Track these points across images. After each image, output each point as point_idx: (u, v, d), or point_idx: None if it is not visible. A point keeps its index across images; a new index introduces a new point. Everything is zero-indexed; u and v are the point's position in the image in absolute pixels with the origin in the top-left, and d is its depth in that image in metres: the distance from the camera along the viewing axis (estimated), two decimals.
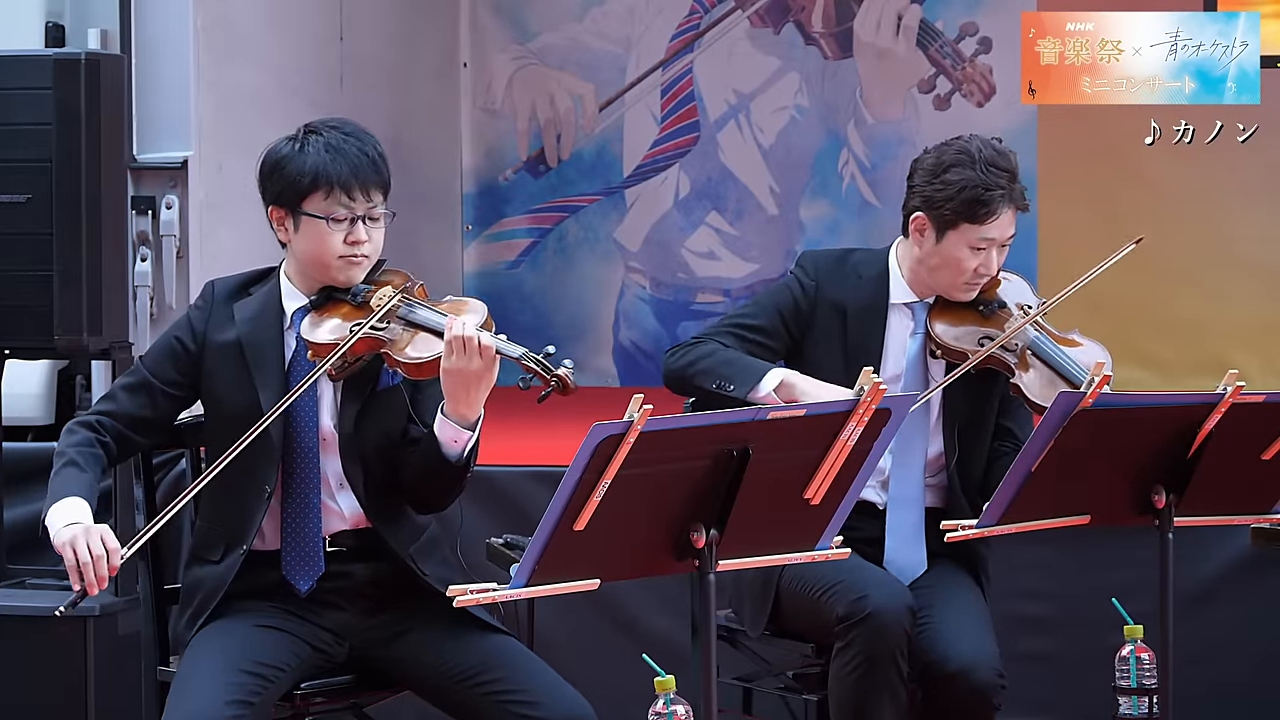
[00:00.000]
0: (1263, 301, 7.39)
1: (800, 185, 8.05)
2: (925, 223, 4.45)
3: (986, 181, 4.40)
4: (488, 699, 4.00)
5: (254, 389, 4.09)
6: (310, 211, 4.07)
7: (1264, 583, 5.50)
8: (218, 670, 3.93)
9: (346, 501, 4.13)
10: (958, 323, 4.50)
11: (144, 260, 6.29)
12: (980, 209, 4.40)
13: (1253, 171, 7.29)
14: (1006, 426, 4.58)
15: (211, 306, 4.17)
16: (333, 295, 4.13)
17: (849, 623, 4.21)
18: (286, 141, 4.13)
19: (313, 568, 4.10)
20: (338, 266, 4.10)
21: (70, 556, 3.88)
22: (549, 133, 8.34)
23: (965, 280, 4.47)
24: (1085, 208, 7.43)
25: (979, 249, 4.43)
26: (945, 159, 4.45)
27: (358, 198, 4.07)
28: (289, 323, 4.14)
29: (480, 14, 8.37)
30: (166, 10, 6.35)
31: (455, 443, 4.01)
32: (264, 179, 4.14)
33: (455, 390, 3.97)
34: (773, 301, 4.57)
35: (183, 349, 4.14)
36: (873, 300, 4.53)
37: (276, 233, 4.15)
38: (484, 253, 8.32)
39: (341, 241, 4.08)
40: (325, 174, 4.05)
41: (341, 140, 4.09)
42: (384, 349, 4.02)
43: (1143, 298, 7.39)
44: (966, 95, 7.86)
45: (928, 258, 4.48)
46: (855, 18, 7.99)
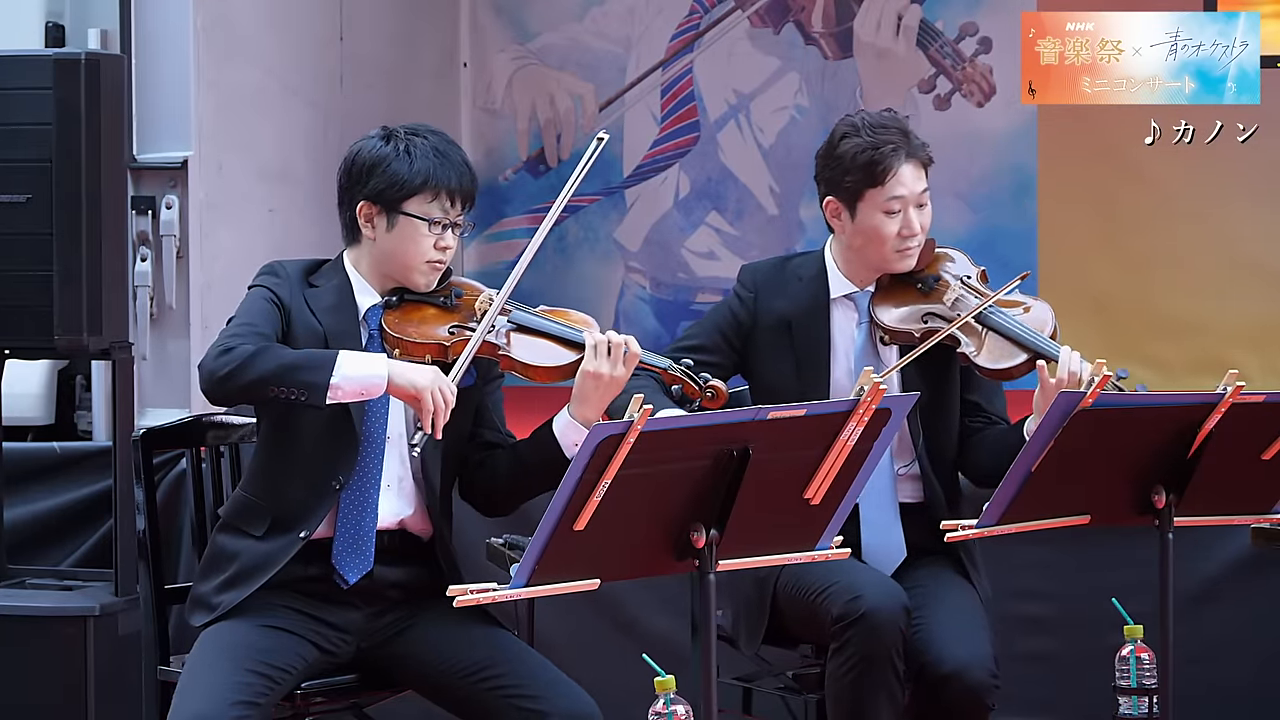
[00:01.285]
0: (1263, 301, 7.39)
1: (800, 185, 8.04)
2: (837, 205, 4.48)
3: (875, 141, 4.43)
4: (491, 695, 4.01)
5: None
6: (411, 212, 4.11)
7: (1264, 583, 5.50)
8: (224, 670, 3.94)
9: (389, 503, 4.15)
10: (899, 304, 4.51)
11: (144, 260, 6.28)
12: (877, 168, 4.42)
13: (1253, 171, 7.29)
14: (973, 401, 4.58)
15: (290, 283, 4.16)
16: (408, 296, 4.16)
17: (844, 623, 4.22)
18: (379, 141, 4.15)
19: (363, 561, 4.11)
20: (422, 270, 4.14)
21: (429, 402, 3.93)
22: (549, 133, 8.34)
23: (894, 248, 4.48)
24: (1085, 208, 7.43)
25: (893, 211, 4.44)
26: (834, 137, 4.50)
27: (457, 205, 4.14)
28: (361, 317, 4.16)
29: (480, 14, 8.36)
30: (166, 10, 6.35)
31: (576, 445, 4.05)
32: (358, 174, 4.15)
33: (589, 394, 4.06)
34: (713, 321, 4.61)
35: (277, 312, 4.11)
36: (813, 300, 4.55)
37: (360, 228, 4.15)
38: (484, 253, 8.32)
39: (432, 246, 4.12)
40: (436, 177, 4.11)
41: (447, 146, 4.16)
42: (499, 352, 4.08)
43: (1143, 297, 7.39)
44: (966, 95, 7.86)
45: (852, 239, 4.50)
46: (855, 18, 7.99)
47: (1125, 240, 7.50)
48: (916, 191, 4.46)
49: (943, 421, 4.54)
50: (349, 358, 3.98)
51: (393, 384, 3.96)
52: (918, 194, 4.46)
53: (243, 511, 4.15)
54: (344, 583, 4.10)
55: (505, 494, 4.24)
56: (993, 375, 4.43)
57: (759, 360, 4.56)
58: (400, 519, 4.16)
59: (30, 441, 6.29)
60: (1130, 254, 7.49)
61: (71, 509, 6.00)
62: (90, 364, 6.35)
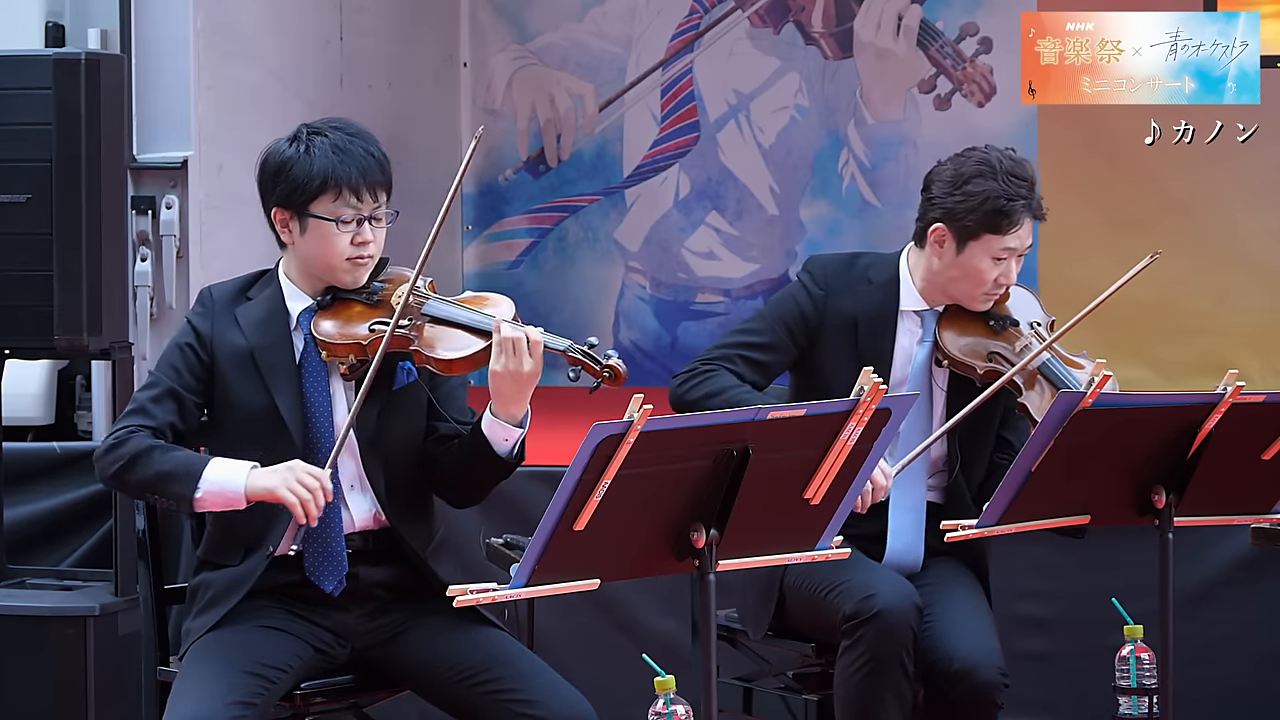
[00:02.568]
0: (1263, 301, 7.38)
1: (800, 185, 8.05)
2: (945, 234, 4.45)
3: (1009, 192, 4.40)
4: (487, 698, 4.01)
5: (268, 393, 4.09)
6: (318, 214, 4.07)
7: (1264, 583, 5.50)
8: (220, 671, 3.93)
9: (357, 502, 4.13)
10: (966, 334, 4.49)
11: (144, 260, 6.28)
12: (1003, 219, 4.39)
13: (1253, 171, 7.29)
14: (1006, 438, 4.58)
15: (213, 312, 4.15)
16: (340, 295, 4.13)
17: (856, 621, 4.21)
18: (288, 143, 4.12)
19: (337, 568, 4.10)
20: (344, 268, 4.10)
21: (288, 496, 3.91)
22: (549, 133, 8.33)
23: (985, 291, 4.47)
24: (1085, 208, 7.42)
25: (1000, 259, 4.43)
26: (965, 170, 4.43)
27: (365, 199, 4.08)
28: (295, 324, 4.14)
29: (480, 14, 8.36)
30: (166, 10, 6.35)
31: (506, 441, 4.04)
32: (267, 181, 4.13)
33: (506, 391, 4.00)
34: (777, 314, 4.56)
35: (194, 355, 4.12)
36: (882, 307, 4.53)
37: (279, 234, 4.14)
38: (484, 253, 8.32)
39: (349, 243, 4.08)
40: (334, 176, 4.05)
41: (347, 141, 4.08)
42: (413, 347, 4.03)
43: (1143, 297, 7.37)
44: (967, 95, 7.86)
45: (947, 269, 4.47)
46: (855, 18, 7.99)
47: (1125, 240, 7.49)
48: (1025, 246, 4.46)
49: (980, 450, 4.55)
50: (213, 469, 3.98)
51: (249, 493, 3.96)
52: (1025, 248, 4.46)
53: (215, 546, 4.15)
54: (324, 595, 4.10)
55: (461, 488, 4.20)
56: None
57: (821, 358, 4.53)
58: (374, 516, 4.14)
59: (30, 441, 6.29)
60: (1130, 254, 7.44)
61: (71, 509, 6.00)
62: (90, 364, 6.35)
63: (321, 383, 4.11)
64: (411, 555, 4.14)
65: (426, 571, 4.13)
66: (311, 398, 4.10)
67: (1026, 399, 4.41)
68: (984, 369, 4.43)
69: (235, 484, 3.97)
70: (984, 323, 4.51)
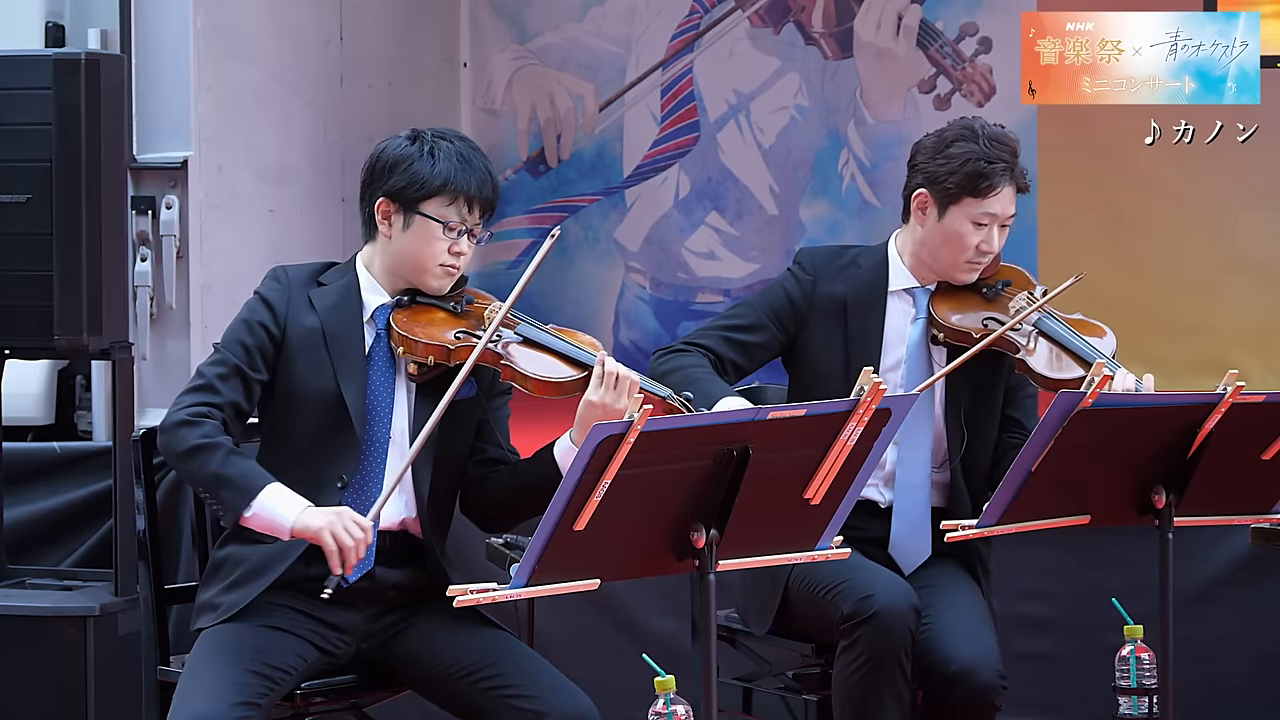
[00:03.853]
0: (1263, 301, 7.39)
1: (800, 185, 8.05)
2: (928, 199, 4.49)
3: (989, 154, 4.44)
4: (488, 695, 4.01)
5: (335, 378, 4.08)
6: (428, 213, 4.09)
7: (1264, 583, 5.50)
8: (224, 670, 3.93)
9: (392, 503, 4.12)
10: (961, 306, 4.52)
11: (144, 260, 6.28)
12: (982, 181, 4.43)
13: (1253, 171, 7.29)
14: (1014, 417, 4.59)
15: (289, 289, 4.15)
16: (420, 298, 4.15)
17: (854, 621, 4.22)
18: (406, 141, 4.14)
19: (363, 560, 4.09)
20: (435, 273, 4.12)
21: (330, 543, 3.91)
22: (549, 133, 8.33)
23: (967, 259, 4.49)
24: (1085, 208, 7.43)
25: (981, 224, 4.46)
26: (948, 135, 4.50)
27: (474, 212, 4.12)
28: (368, 315, 4.15)
29: (480, 14, 8.36)
30: (166, 10, 6.35)
31: None
32: (381, 170, 4.14)
33: (594, 420, 3.99)
34: (764, 300, 4.59)
35: (265, 332, 4.10)
36: (871, 287, 4.56)
37: (376, 224, 4.14)
38: (484, 253, 8.31)
39: (447, 250, 4.11)
40: (456, 181, 4.08)
41: (471, 152, 4.13)
42: (503, 361, 4.06)
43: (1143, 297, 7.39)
44: (967, 95, 7.86)
45: (930, 236, 4.50)
46: (855, 18, 7.99)
47: (1125, 240, 7.50)
48: (1007, 214, 4.48)
49: (985, 428, 4.55)
50: (270, 494, 3.96)
51: (294, 530, 3.96)
52: (1007, 216, 4.49)
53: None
54: (344, 582, 4.10)
55: (505, 511, 4.22)
56: (1047, 385, 4.42)
57: (809, 342, 4.56)
58: (402, 520, 4.16)
59: (30, 441, 6.29)
60: (1130, 254, 7.49)
61: (71, 509, 6.00)
62: (90, 364, 6.35)
63: (388, 379, 4.12)
64: (432, 561, 4.16)
65: (442, 577, 4.13)
66: (376, 391, 4.11)
67: (1025, 357, 4.44)
68: (979, 333, 4.46)
69: (284, 517, 3.96)
70: (977, 293, 4.54)
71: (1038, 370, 4.43)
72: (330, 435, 4.08)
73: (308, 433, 4.09)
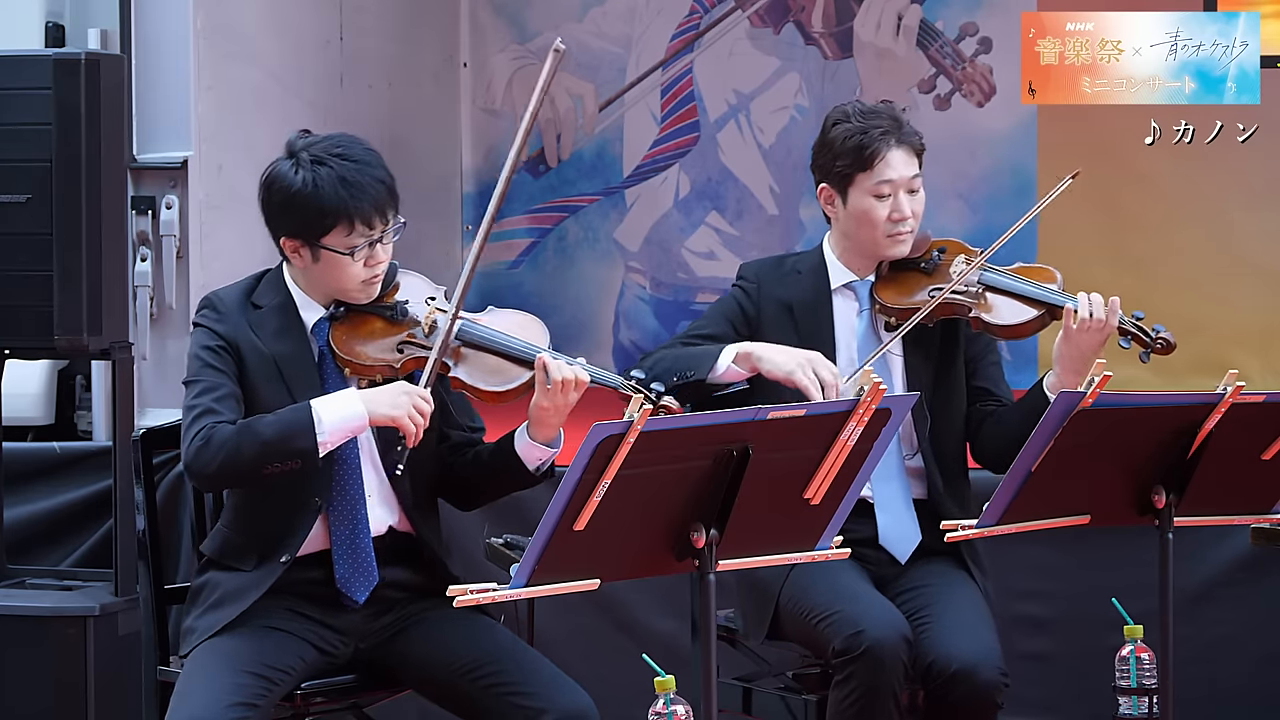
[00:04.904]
0: (1263, 301, 7.38)
1: (800, 185, 8.04)
2: (830, 192, 4.55)
3: (864, 126, 4.49)
4: (489, 693, 4.01)
5: (294, 400, 4.05)
6: (331, 247, 4.05)
7: (1264, 583, 5.50)
8: (222, 671, 3.93)
9: (374, 512, 4.13)
10: (904, 287, 4.55)
11: (144, 260, 6.28)
12: (865, 152, 4.48)
13: (1253, 172, 7.28)
14: (982, 387, 4.61)
15: (228, 318, 4.11)
16: (354, 307, 4.12)
17: (846, 657, 4.22)
18: (291, 168, 4.06)
19: (368, 577, 4.11)
20: (357, 289, 4.10)
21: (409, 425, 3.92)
22: (549, 133, 8.33)
23: (885, 232, 4.52)
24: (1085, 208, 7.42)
25: (883, 195, 4.49)
26: (826, 126, 4.57)
27: (377, 225, 4.06)
28: (309, 330, 4.14)
29: (480, 14, 8.36)
30: (166, 10, 6.35)
31: (539, 460, 4.08)
32: (274, 210, 4.08)
33: (547, 420, 4.03)
34: (720, 310, 4.65)
35: (227, 354, 4.08)
36: (814, 290, 4.59)
37: (289, 258, 4.10)
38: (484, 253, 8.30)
39: (363, 267, 4.07)
40: (347, 212, 4.01)
41: (354, 171, 4.03)
42: (452, 374, 4.05)
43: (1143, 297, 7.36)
44: (966, 95, 7.86)
45: (845, 224, 4.55)
46: (855, 18, 7.99)
47: (1125, 240, 7.49)
48: (907, 176, 4.50)
49: (947, 407, 4.56)
50: (323, 406, 3.95)
51: (373, 418, 3.95)
52: (908, 179, 4.51)
53: (229, 549, 4.13)
54: (353, 604, 4.10)
55: (478, 493, 4.24)
56: (1007, 334, 4.48)
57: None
58: (388, 525, 4.15)
59: (30, 441, 6.29)
60: (1130, 254, 7.48)
61: (71, 509, 6.00)
62: (90, 364, 6.35)
63: (340, 388, 4.10)
64: (429, 555, 4.16)
65: (442, 570, 4.13)
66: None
67: (979, 314, 4.46)
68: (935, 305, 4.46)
69: (356, 411, 3.95)
70: (916, 269, 4.56)
71: (994, 322, 4.47)
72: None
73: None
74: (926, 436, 4.52)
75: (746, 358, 4.40)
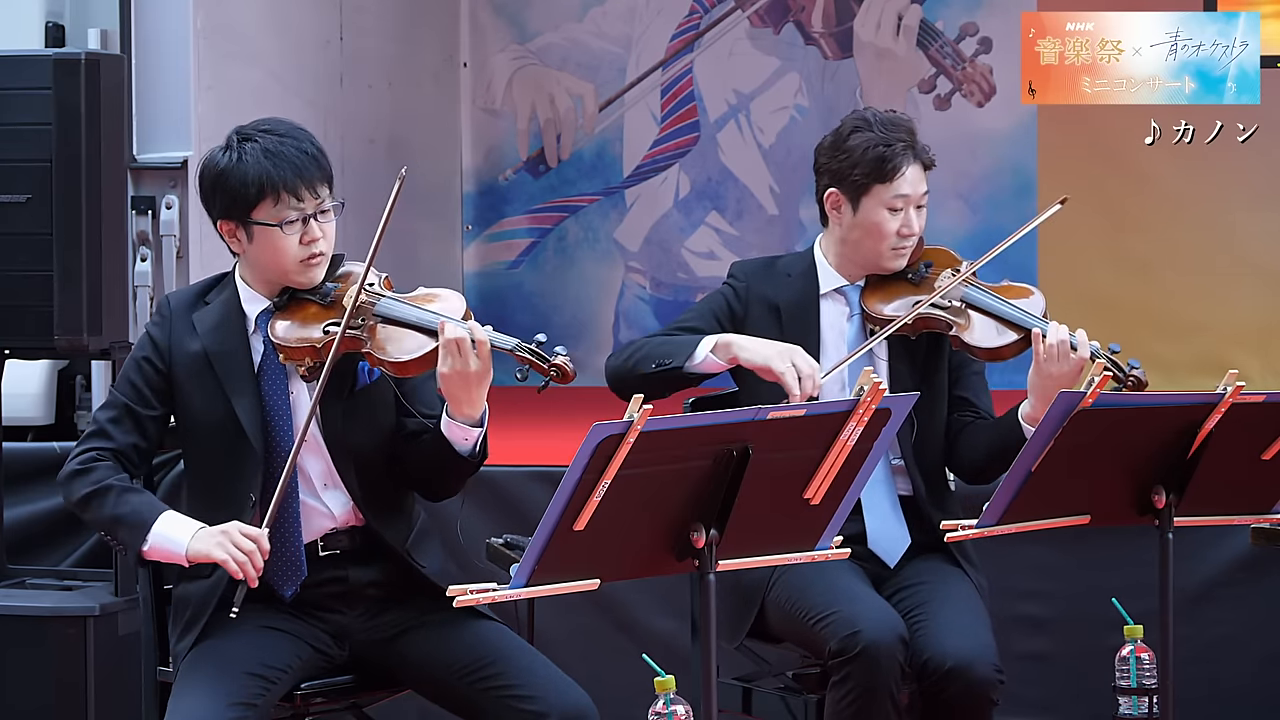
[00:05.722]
0: (1263, 301, 7.39)
1: (800, 185, 8.04)
2: (839, 198, 4.51)
3: (887, 139, 4.47)
4: (488, 694, 4.01)
5: (226, 399, 4.06)
6: (261, 220, 4.04)
7: (1264, 583, 5.50)
8: (220, 672, 3.93)
9: (333, 500, 4.11)
10: (890, 295, 4.54)
11: (144, 260, 6.28)
12: (886, 165, 4.46)
13: (1253, 171, 7.29)
14: (963, 397, 4.60)
15: (171, 320, 4.13)
16: (296, 295, 4.10)
17: (843, 658, 4.21)
18: (221, 152, 4.08)
19: (295, 572, 4.08)
20: (297, 270, 4.07)
21: (225, 558, 3.90)
22: (549, 133, 8.34)
23: (891, 245, 4.51)
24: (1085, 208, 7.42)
25: (896, 209, 4.48)
26: (843, 130, 4.53)
27: (306, 197, 4.04)
28: (253, 327, 4.12)
29: (480, 14, 8.36)
30: (166, 10, 6.35)
31: (466, 440, 4.02)
32: (207, 194, 4.10)
33: (456, 392, 3.97)
34: (707, 306, 4.63)
35: (152, 368, 4.10)
36: (803, 293, 4.58)
37: (229, 245, 4.11)
38: (484, 253, 8.32)
39: (298, 243, 4.05)
40: (270, 180, 4.01)
41: (278, 143, 4.04)
42: (364, 349, 4.00)
43: (1143, 297, 7.39)
44: (966, 95, 7.86)
45: (849, 232, 4.52)
46: (855, 18, 7.99)
47: (1125, 240, 7.50)
48: (919, 193, 4.51)
49: (931, 415, 4.55)
50: (162, 524, 3.97)
51: (189, 557, 3.96)
52: (919, 195, 4.51)
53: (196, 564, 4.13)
54: (282, 599, 4.08)
55: (433, 483, 4.19)
56: (986, 355, 4.47)
57: None
58: (346, 517, 4.12)
59: (30, 441, 6.29)
60: (1130, 254, 7.49)
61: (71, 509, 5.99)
62: (90, 364, 6.35)
63: (281, 387, 4.09)
64: (390, 553, 4.13)
65: (409, 565, 4.12)
66: (271, 403, 4.08)
67: (958, 333, 4.46)
68: (914, 317, 4.47)
69: (178, 545, 3.96)
70: (904, 280, 4.56)
71: (972, 343, 4.46)
72: (234, 456, 4.05)
73: (213, 458, 4.08)
74: (911, 442, 4.52)
75: (726, 348, 4.40)
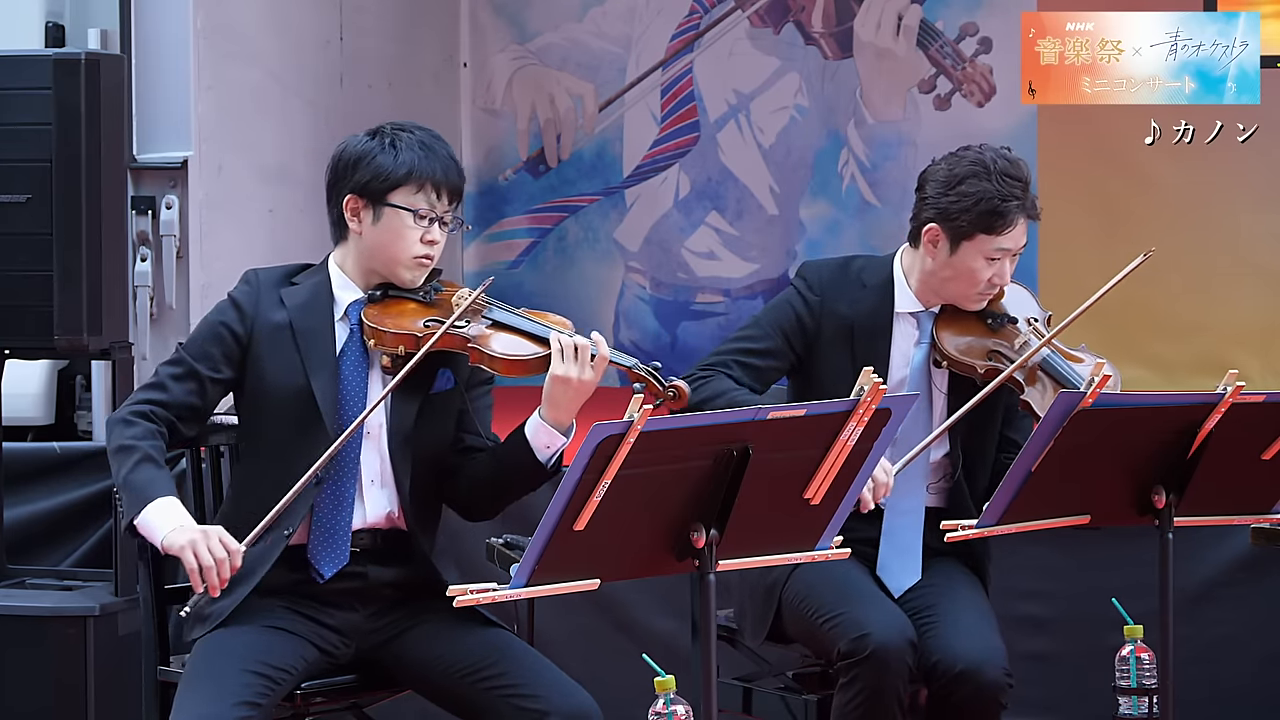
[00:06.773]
0: (1263, 301, 7.39)
1: (800, 185, 8.05)
2: (939, 234, 4.43)
3: (1003, 192, 4.38)
4: (490, 694, 4.01)
5: (305, 374, 4.09)
6: (397, 203, 4.09)
7: (1264, 583, 5.50)
8: (225, 671, 3.93)
9: (375, 498, 4.13)
10: (964, 334, 4.48)
11: (144, 260, 6.28)
12: (997, 220, 4.38)
13: (1253, 171, 7.29)
14: (1010, 438, 4.56)
15: (259, 290, 4.16)
16: (392, 291, 4.15)
17: (851, 660, 4.21)
18: (367, 138, 4.16)
19: (338, 557, 4.10)
20: (408, 265, 4.12)
21: (191, 560, 3.89)
22: (549, 133, 8.34)
23: (979, 291, 4.46)
24: (1085, 208, 7.43)
25: (993, 259, 4.42)
26: (959, 170, 4.42)
27: (443, 199, 4.12)
28: (341, 313, 4.15)
29: (480, 14, 8.36)
30: (166, 10, 6.35)
31: (548, 448, 4.06)
32: (344, 168, 4.15)
33: (560, 397, 4.01)
34: (775, 320, 4.55)
35: (230, 333, 4.12)
36: (878, 311, 4.51)
37: (346, 222, 4.14)
38: (484, 253, 8.32)
39: (419, 239, 4.11)
40: (420, 169, 4.10)
41: (432, 140, 4.15)
42: (470, 345, 4.04)
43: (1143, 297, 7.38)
44: (967, 95, 7.86)
45: (940, 269, 4.46)
46: (855, 18, 7.99)
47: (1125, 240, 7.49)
48: (1019, 246, 4.44)
49: (983, 451, 4.53)
50: (155, 507, 3.96)
51: (164, 546, 3.96)
52: (1019, 248, 4.45)
53: (238, 529, 4.13)
54: (319, 577, 4.09)
55: (484, 498, 4.20)
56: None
57: (819, 364, 4.52)
58: (388, 514, 4.15)
59: (30, 441, 6.29)
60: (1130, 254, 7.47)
61: (71, 509, 5.99)
62: (90, 364, 6.35)
63: (360, 373, 4.12)
64: (421, 557, 4.15)
65: (433, 573, 4.13)
66: (347, 385, 4.11)
67: (1029, 395, 4.39)
68: (984, 368, 4.42)
69: (159, 531, 3.95)
70: (981, 321, 4.50)
71: (1041, 412, 4.31)
72: (302, 431, 4.07)
73: (280, 430, 4.09)
74: (959, 478, 4.50)
75: None
